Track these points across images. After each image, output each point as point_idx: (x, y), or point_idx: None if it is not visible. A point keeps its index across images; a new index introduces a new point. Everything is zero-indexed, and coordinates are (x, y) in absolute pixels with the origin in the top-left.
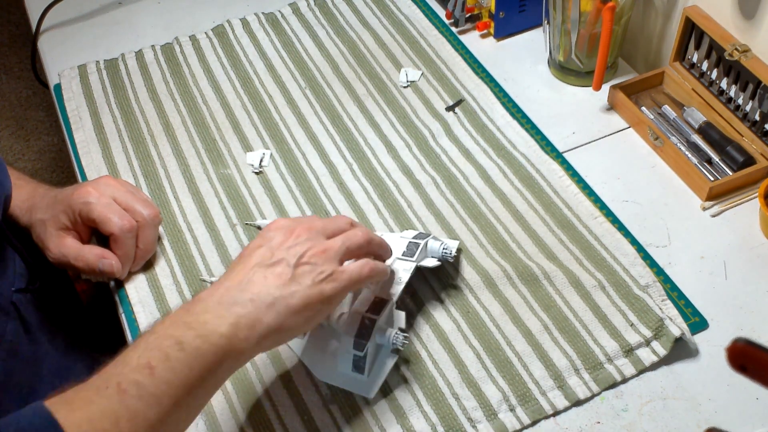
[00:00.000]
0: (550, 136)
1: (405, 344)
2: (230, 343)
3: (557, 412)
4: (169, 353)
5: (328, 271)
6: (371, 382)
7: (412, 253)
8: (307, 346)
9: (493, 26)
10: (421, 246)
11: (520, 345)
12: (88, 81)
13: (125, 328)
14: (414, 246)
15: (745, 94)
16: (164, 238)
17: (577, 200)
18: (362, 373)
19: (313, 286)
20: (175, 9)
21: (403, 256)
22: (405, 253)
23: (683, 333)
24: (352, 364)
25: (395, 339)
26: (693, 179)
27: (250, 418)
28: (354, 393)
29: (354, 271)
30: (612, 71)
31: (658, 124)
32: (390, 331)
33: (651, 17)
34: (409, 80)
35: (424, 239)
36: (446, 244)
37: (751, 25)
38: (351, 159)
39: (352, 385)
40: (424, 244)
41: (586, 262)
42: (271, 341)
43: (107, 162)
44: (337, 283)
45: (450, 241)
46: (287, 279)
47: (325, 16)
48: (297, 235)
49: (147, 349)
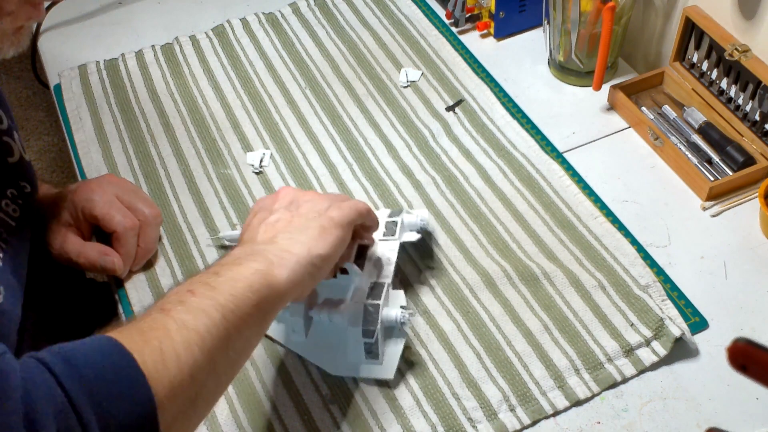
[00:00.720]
0: (550, 136)
1: (411, 319)
2: (265, 274)
3: (557, 412)
4: (207, 281)
5: (327, 204)
6: (387, 365)
7: (392, 231)
8: (310, 347)
9: (493, 26)
10: (399, 223)
11: (520, 345)
12: (88, 81)
13: None
14: (392, 225)
15: (745, 94)
16: (164, 238)
17: (577, 200)
18: (376, 358)
19: (321, 216)
20: (175, 9)
21: (385, 237)
22: (386, 234)
23: (683, 333)
24: (364, 353)
25: (401, 317)
26: (693, 179)
27: (250, 418)
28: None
29: (353, 203)
30: (612, 71)
31: (658, 124)
32: (394, 311)
33: (651, 17)
34: (409, 80)
35: (399, 215)
36: (420, 215)
37: (751, 25)
38: (351, 159)
39: (370, 372)
40: (401, 221)
41: (586, 262)
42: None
43: (107, 162)
44: (341, 210)
45: (421, 211)
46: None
47: (325, 16)
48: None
49: (183, 286)
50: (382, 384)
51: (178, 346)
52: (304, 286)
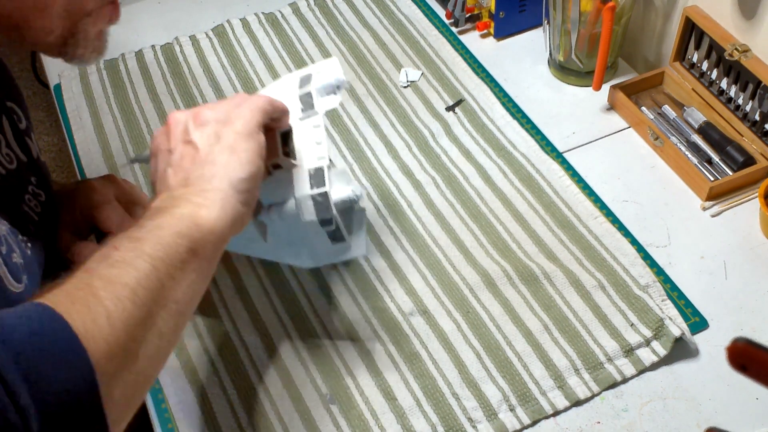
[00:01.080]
0: (550, 136)
1: (361, 191)
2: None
3: (557, 412)
4: (130, 234)
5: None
6: (356, 244)
7: (309, 105)
8: (276, 250)
9: (493, 26)
10: (313, 90)
11: (520, 345)
12: (88, 81)
13: None
14: (307, 97)
15: (745, 94)
16: None
17: (577, 200)
18: (344, 240)
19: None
20: (175, 9)
21: (305, 113)
22: (304, 109)
23: (683, 333)
24: (330, 239)
25: (353, 196)
26: (693, 179)
27: (250, 418)
28: (352, 392)
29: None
30: (612, 71)
31: (658, 124)
32: (343, 191)
33: (651, 17)
34: (409, 80)
35: (309, 82)
36: (330, 66)
37: (751, 25)
38: (351, 159)
39: (342, 254)
40: (313, 88)
41: (586, 262)
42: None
43: (107, 162)
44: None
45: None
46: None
47: (325, 16)
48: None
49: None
50: (383, 384)
51: (107, 302)
52: (241, 216)
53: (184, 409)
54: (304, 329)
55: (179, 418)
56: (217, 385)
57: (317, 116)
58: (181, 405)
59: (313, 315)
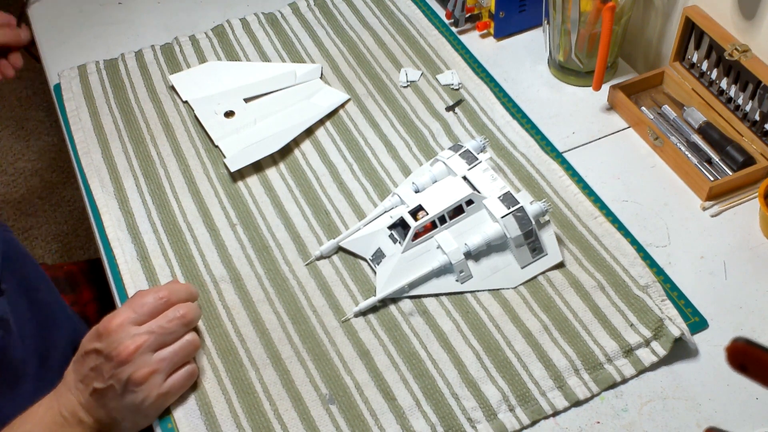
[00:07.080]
0: (550, 135)
1: (549, 205)
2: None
3: (557, 412)
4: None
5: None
6: (552, 251)
7: (473, 158)
8: (478, 280)
9: (493, 26)
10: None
11: (520, 345)
12: (87, 81)
13: None
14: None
15: (745, 94)
16: (164, 238)
17: (577, 200)
18: (542, 252)
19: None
20: (175, 9)
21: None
22: (468, 162)
23: (683, 333)
24: (530, 253)
25: (542, 207)
26: (693, 179)
27: (250, 418)
28: (352, 392)
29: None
30: (612, 71)
31: (658, 124)
32: (535, 205)
33: (651, 17)
34: (409, 80)
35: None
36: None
37: (751, 25)
38: (351, 159)
39: (543, 266)
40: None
41: (585, 263)
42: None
43: (107, 162)
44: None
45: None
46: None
47: (325, 16)
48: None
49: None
50: (382, 384)
51: None
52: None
53: (184, 408)
54: (304, 329)
55: (179, 417)
56: (217, 385)
57: (482, 163)
58: (180, 405)
59: (313, 315)
